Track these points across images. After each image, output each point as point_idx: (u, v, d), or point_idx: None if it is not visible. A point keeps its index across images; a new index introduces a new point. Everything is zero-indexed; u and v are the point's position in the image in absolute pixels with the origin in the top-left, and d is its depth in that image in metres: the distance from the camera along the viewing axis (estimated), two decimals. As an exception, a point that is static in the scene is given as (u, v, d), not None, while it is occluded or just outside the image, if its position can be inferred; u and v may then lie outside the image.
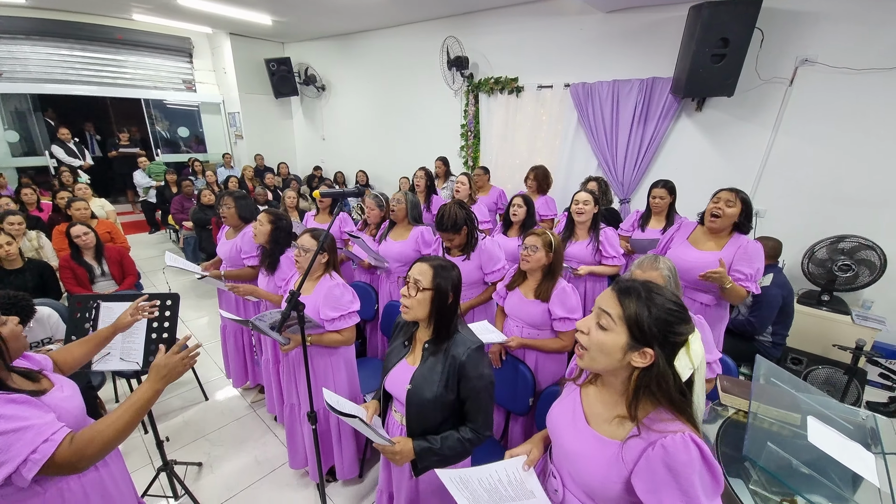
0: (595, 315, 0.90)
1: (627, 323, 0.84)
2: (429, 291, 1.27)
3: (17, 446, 0.93)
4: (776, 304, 2.62)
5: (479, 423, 1.29)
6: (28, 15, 5.76)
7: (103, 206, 4.76)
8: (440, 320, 1.29)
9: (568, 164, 4.48)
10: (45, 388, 1.14)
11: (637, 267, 1.60)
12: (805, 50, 3.09)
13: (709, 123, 3.60)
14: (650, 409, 0.86)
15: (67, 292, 3.04)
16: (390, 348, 1.47)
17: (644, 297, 0.85)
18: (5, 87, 5.91)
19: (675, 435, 0.81)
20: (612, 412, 0.92)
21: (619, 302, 0.86)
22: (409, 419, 1.31)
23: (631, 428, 0.87)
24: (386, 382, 1.40)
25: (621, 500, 0.88)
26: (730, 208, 2.05)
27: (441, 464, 1.24)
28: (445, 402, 1.27)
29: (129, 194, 7.49)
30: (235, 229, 2.75)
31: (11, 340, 1.08)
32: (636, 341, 0.84)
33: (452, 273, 1.31)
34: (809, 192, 3.26)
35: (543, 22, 4.32)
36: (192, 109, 7.86)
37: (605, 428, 0.92)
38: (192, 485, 2.23)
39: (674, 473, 0.80)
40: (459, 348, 1.27)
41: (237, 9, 5.19)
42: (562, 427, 1.01)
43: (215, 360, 3.43)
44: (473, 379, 1.25)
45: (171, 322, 1.79)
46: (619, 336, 0.85)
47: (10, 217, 3.19)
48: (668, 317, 0.83)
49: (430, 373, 1.28)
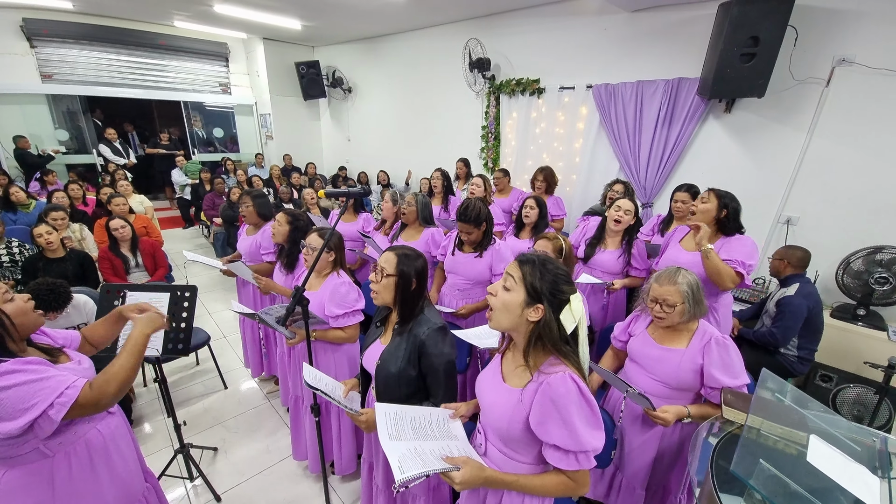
0: (503, 280, 1.07)
1: (525, 284, 1.01)
2: (393, 277, 1.38)
3: (41, 394, 1.04)
4: (800, 315, 2.47)
5: (439, 397, 1.39)
6: (77, 20, 6.18)
7: (142, 202, 5.06)
8: (404, 303, 1.41)
9: (589, 166, 4.39)
10: (60, 362, 1.24)
11: (655, 281, 1.57)
12: (843, 50, 2.91)
13: (738, 126, 3.44)
14: (543, 359, 1.03)
15: (104, 281, 3.26)
16: (369, 331, 1.60)
17: (538, 264, 1.03)
18: (56, 88, 6.36)
19: (557, 374, 0.98)
20: (518, 365, 1.09)
21: (520, 268, 1.03)
22: (378, 392, 1.44)
23: (529, 377, 1.04)
24: (363, 360, 1.55)
25: (525, 439, 1.05)
26: (703, 203, 2.08)
27: None
28: (408, 376, 1.39)
29: (168, 191, 7.93)
30: (255, 227, 2.87)
31: (19, 316, 1.17)
32: (531, 298, 1.01)
33: (417, 262, 1.42)
34: (846, 199, 3.06)
35: (566, 22, 4.26)
36: (227, 111, 8.24)
37: (512, 380, 1.09)
38: (206, 468, 2.35)
39: (556, 405, 0.96)
40: (422, 328, 1.39)
41: (269, 14, 5.40)
42: (484, 386, 1.18)
43: (236, 351, 3.59)
44: (433, 356, 1.36)
45: (188, 312, 1.90)
46: (519, 294, 1.02)
47: (54, 213, 3.44)
48: (556, 279, 1.01)
49: (395, 349, 1.40)
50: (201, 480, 2.22)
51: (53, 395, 1.05)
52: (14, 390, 1.02)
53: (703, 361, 1.51)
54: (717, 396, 1.48)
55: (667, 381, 1.58)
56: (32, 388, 1.04)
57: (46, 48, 6.18)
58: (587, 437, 0.97)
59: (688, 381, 1.54)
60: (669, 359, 1.56)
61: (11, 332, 1.13)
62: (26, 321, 1.19)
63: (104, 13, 6.19)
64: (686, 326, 1.58)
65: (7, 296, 1.17)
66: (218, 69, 7.82)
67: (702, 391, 1.55)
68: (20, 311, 1.18)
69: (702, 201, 2.11)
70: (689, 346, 1.55)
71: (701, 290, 1.52)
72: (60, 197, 4.17)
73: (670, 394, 1.59)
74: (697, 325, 1.58)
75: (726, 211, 2.06)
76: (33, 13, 5.87)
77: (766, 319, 2.71)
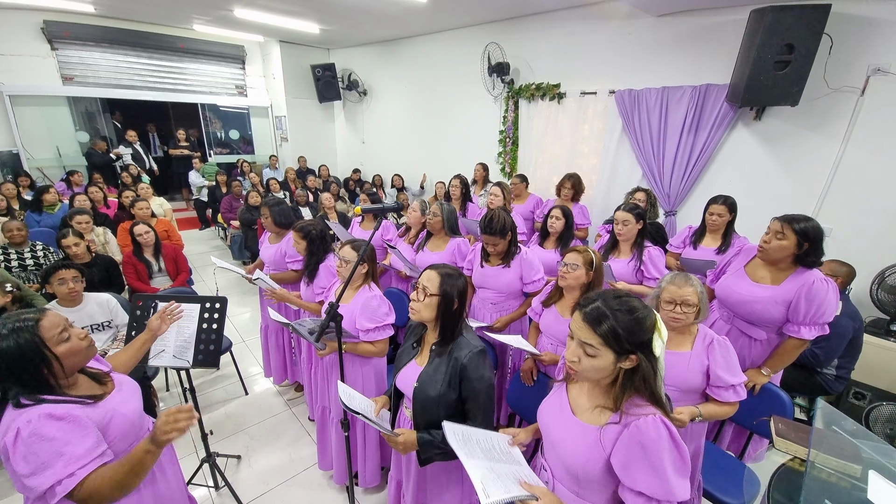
0: (578, 345, 0.99)
1: (609, 346, 0.95)
2: (435, 297, 1.36)
3: (46, 473, 1.00)
4: (846, 336, 2.38)
5: (478, 420, 1.37)
6: (98, 24, 6.26)
7: (161, 204, 5.10)
8: (445, 324, 1.39)
9: (611, 173, 4.33)
10: (106, 392, 1.22)
11: (671, 283, 1.56)
12: (878, 59, 2.84)
13: (769, 134, 3.36)
14: (627, 397, 0.98)
15: (129, 286, 3.28)
16: (402, 349, 1.57)
17: (611, 316, 0.95)
18: (76, 90, 6.45)
19: (647, 417, 0.93)
20: (593, 403, 1.04)
21: (595, 332, 0.96)
22: (415, 414, 1.42)
23: (610, 415, 0.99)
24: (396, 380, 1.52)
25: (602, 481, 0.99)
26: (778, 241, 1.81)
27: (442, 456, 1.38)
28: (448, 400, 1.36)
29: (185, 192, 8.00)
30: (277, 235, 2.87)
31: (71, 356, 1.12)
32: (621, 355, 0.96)
33: (458, 281, 1.40)
34: (882, 211, 2.97)
35: (589, 27, 4.20)
36: (243, 113, 8.29)
37: (586, 416, 1.04)
38: (231, 476, 2.35)
39: (645, 450, 0.91)
40: (462, 351, 1.36)
41: (288, 18, 5.42)
42: (550, 419, 1.13)
43: (255, 355, 3.60)
44: (474, 380, 1.34)
45: (219, 323, 1.90)
46: (607, 357, 0.96)
47: (78, 216, 3.47)
48: (636, 325, 0.95)
49: (434, 373, 1.38)
50: (226, 489, 2.22)
51: (53, 479, 1.00)
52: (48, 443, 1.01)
53: (708, 362, 1.53)
54: (722, 395, 1.51)
55: (677, 385, 1.58)
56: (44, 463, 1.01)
57: (67, 50, 6.27)
58: (677, 486, 0.92)
59: (696, 382, 1.56)
60: (677, 363, 1.56)
61: (58, 374, 1.09)
62: (79, 360, 1.15)
63: (125, 16, 6.26)
64: (689, 329, 1.60)
65: (63, 335, 1.11)
66: (235, 71, 7.87)
67: (707, 391, 1.57)
68: (73, 351, 1.12)
69: (776, 237, 1.80)
70: (694, 349, 1.57)
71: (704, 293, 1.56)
72: (82, 200, 4.22)
73: (679, 396, 1.59)
74: (697, 327, 1.61)
75: (808, 244, 1.78)
76: (55, 16, 5.95)
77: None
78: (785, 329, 1.90)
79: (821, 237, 1.78)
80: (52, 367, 1.08)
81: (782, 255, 1.83)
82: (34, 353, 1.06)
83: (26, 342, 1.05)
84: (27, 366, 1.05)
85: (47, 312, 1.12)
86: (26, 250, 3.26)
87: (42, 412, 1.03)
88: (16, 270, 3.17)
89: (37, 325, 1.07)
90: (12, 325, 1.06)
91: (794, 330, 1.85)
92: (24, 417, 1.02)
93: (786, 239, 1.79)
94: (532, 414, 1.99)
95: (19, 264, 3.20)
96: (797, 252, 1.80)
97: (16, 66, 5.88)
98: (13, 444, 1.00)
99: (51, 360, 1.08)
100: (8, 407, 1.07)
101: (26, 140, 6.09)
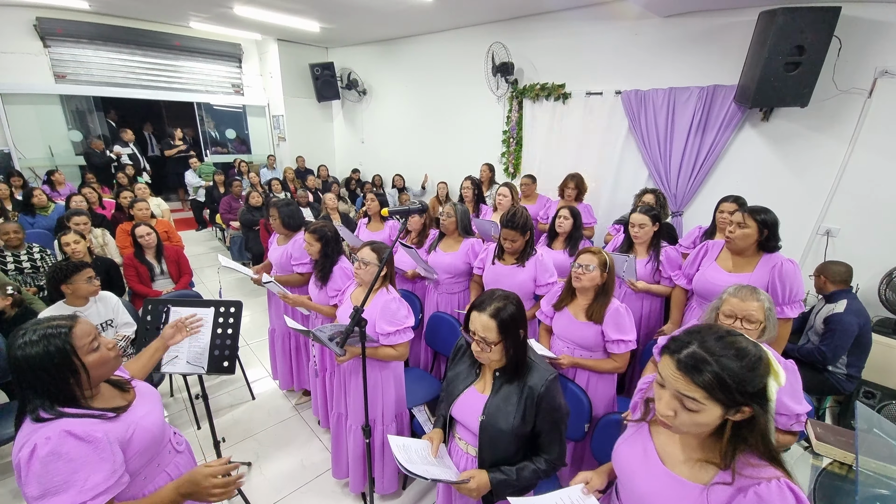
0: (674, 398, 0.84)
1: (715, 399, 0.79)
2: (499, 343, 1.22)
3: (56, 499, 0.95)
4: (851, 333, 2.41)
5: (555, 454, 1.26)
6: (93, 20, 6.13)
7: (159, 205, 5.01)
8: (515, 356, 1.25)
9: (616, 173, 4.33)
10: (129, 402, 1.18)
11: (733, 295, 1.46)
12: (885, 61, 2.86)
13: (776, 135, 3.37)
14: (739, 454, 0.83)
15: (130, 289, 3.20)
16: (454, 372, 1.42)
17: (714, 364, 0.79)
18: (69, 88, 6.30)
19: (770, 482, 0.78)
20: (691, 454, 0.88)
21: (695, 383, 0.80)
22: (482, 449, 1.28)
23: (714, 472, 0.84)
24: (453, 410, 1.36)
25: None
26: (741, 229, 1.97)
27: (514, 494, 1.22)
28: (521, 433, 1.23)
29: (181, 192, 7.87)
30: (285, 237, 2.81)
31: (99, 367, 1.08)
32: (729, 408, 0.80)
33: (510, 307, 1.23)
34: (889, 211, 2.99)
35: (595, 27, 4.19)
36: (239, 112, 8.18)
37: (683, 469, 0.89)
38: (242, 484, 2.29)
39: None
40: (536, 379, 1.23)
41: (289, 16, 5.34)
42: (633, 468, 0.97)
43: (260, 358, 3.53)
44: (552, 411, 1.22)
45: (233, 329, 1.85)
46: (713, 411, 0.81)
47: (76, 217, 3.36)
48: (747, 373, 0.79)
49: (504, 403, 1.24)
50: (239, 497, 2.16)
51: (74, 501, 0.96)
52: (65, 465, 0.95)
53: None
54: (786, 422, 1.37)
55: None
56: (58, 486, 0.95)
57: (60, 48, 6.13)
58: None
59: None
60: None
61: (84, 385, 1.05)
62: (105, 371, 1.11)
63: (120, 13, 6.14)
64: None
65: (93, 344, 1.07)
66: (231, 70, 7.77)
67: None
68: (102, 361, 1.08)
69: (739, 226, 1.98)
70: None
71: (774, 310, 1.45)
72: (79, 201, 4.11)
73: None
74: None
75: (767, 231, 1.97)
76: (48, 12, 5.81)
77: (811, 336, 2.65)
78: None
79: (777, 225, 2.00)
80: (79, 378, 1.03)
81: (747, 243, 2.00)
82: (64, 361, 1.01)
83: (57, 350, 1.00)
84: (54, 375, 1.00)
85: (79, 319, 1.07)
86: (23, 253, 3.16)
87: (62, 429, 0.98)
88: (12, 273, 3.07)
89: (70, 333, 1.03)
90: (44, 331, 1.01)
91: (778, 311, 1.90)
92: (43, 433, 0.97)
93: (748, 227, 1.97)
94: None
95: (16, 267, 3.10)
96: (759, 239, 1.98)
97: (7, 64, 5.73)
98: (28, 462, 0.94)
99: (79, 370, 1.03)
100: (26, 420, 1.01)
101: (18, 139, 5.94)
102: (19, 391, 1.02)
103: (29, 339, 1.00)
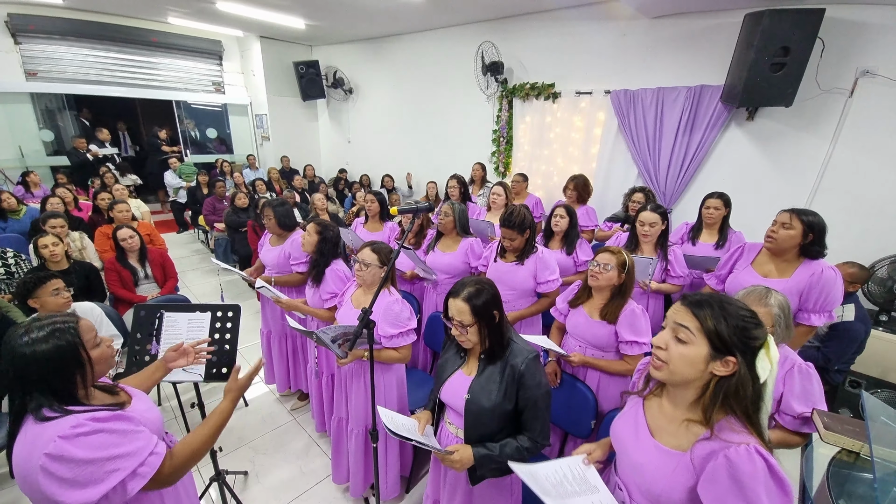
0: (671, 330, 0.91)
1: (707, 334, 0.86)
2: (474, 326, 1.29)
3: (127, 459, 0.93)
4: (857, 340, 2.43)
5: (536, 431, 1.31)
6: (65, 16, 5.87)
7: (139, 206, 4.82)
8: (493, 339, 1.32)
9: (606, 172, 4.39)
10: (125, 401, 1.13)
11: (743, 298, 1.45)
12: (866, 61, 2.98)
13: (761, 133, 3.47)
14: (721, 416, 0.88)
15: (112, 294, 3.06)
16: (444, 359, 1.49)
17: (717, 307, 0.87)
18: (41, 86, 6.02)
19: (740, 447, 0.82)
20: (677, 420, 0.94)
21: (695, 315, 0.88)
22: (467, 428, 1.34)
23: (699, 433, 0.89)
24: (441, 393, 1.43)
25: None
26: (785, 230, 1.87)
27: (496, 472, 1.32)
28: (503, 411, 1.30)
29: (160, 194, 7.61)
30: (280, 237, 2.74)
31: (100, 363, 1.06)
32: (717, 351, 0.86)
33: (485, 292, 1.31)
34: (869, 207, 3.11)
35: (584, 27, 4.24)
36: (220, 110, 7.96)
37: (668, 439, 0.95)
38: (240, 494, 2.21)
39: (741, 486, 0.81)
40: (517, 358, 1.29)
41: (274, 13, 5.22)
42: (626, 440, 1.04)
43: (250, 363, 3.43)
44: (532, 388, 1.27)
45: (232, 333, 1.78)
46: (701, 347, 0.87)
47: (52, 220, 3.19)
48: (745, 324, 0.86)
49: (487, 382, 1.31)
50: (238, 510, 2.09)
51: (136, 461, 0.94)
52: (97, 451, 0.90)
53: (783, 389, 1.41)
54: (791, 423, 1.40)
55: None
56: (121, 449, 0.93)
57: (32, 44, 5.85)
58: None
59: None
60: None
61: (88, 381, 1.02)
62: (103, 368, 1.08)
63: (95, 9, 5.89)
64: None
65: (96, 339, 1.05)
66: (211, 67, 7.55)
67: (776, 416, 1.46)
68: (103, 357, 1.06)
69: (783, 227, 1.86)
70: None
71: (791, 314, 1.43)
72: (55, 203, 3.91)
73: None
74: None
75: (812, 235, 1.85)
76: (20, 8, 5.54)
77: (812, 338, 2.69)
78: (796, 318, 1.93)
79: (824, 230, 1.88)
80: (84, 373, 1.01)
81: (789, 245, 1.89)
82: (73, 355, 0.99)
83: (68, 344, 0.98)
84: (63, 370, 0.97)
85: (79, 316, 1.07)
86: (-5, 258, 2.99)
87: (80, 418, 0.92)
88: (-16, 280, 2.90)
89: (77, 326, 1.02)
90: (53, 327, 0.98)
91: (805, 318, 1.90)
92: (53, 430, 0.89)
93: (793, 229, 1.86)
94: (559, 416, 1.97)
95: (-12, 274, 2.93)
96: (802, 242, 1.87)
97: (-26, 62, 5.44)
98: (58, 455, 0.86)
99: (86, 365, 1.01)
100: (27, 423, 0.93)
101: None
102: (19, 391, 0.94)
103: (37, 335, 0.96)
